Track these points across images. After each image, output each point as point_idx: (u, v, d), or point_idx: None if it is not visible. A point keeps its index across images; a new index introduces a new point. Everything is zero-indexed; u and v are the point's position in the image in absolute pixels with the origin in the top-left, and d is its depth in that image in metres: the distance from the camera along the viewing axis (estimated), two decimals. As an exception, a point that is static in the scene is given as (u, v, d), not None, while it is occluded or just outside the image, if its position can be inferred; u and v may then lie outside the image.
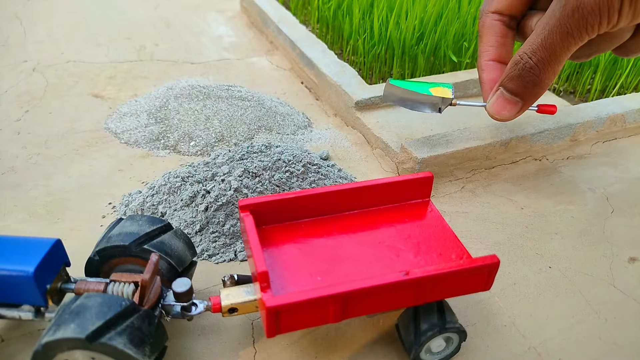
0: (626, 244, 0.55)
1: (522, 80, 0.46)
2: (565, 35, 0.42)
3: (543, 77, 0.46)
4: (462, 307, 0.47)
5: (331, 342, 0.43)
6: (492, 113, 0.49)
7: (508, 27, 0.52)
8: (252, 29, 1.05)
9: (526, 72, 0.45)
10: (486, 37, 0.52)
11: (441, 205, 0.59)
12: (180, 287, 0.39)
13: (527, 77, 0.46)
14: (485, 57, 0.52)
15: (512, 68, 0.47)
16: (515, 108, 0.48)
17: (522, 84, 0.46)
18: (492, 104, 0.49)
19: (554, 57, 0.44)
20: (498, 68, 0.52)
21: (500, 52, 0.52)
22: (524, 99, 0.48)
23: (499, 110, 0.49)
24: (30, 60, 0.88)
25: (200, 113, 0.71)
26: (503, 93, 0.48)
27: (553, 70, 0.45)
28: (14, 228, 0.53)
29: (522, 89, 0.47)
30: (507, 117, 0.49)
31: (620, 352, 0.44)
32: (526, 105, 0.49)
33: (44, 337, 0.34)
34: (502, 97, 0.48)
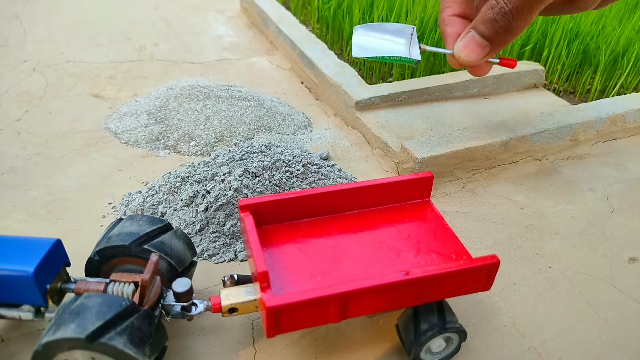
0: (626, 244, 0.55)
1: (495, 24, 0.47)
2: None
3: (515, 24, 0.47)
4: (462, 307, 0.47)
5: (331, 342, 0.43)
6: (459, 54, 0.50)
7: None
8: (252, 29, 1.05)
9: (500, 16, 0.46)
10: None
11: (441, 205, 0.59)
12: (180, 287, 0.39)
13: (501, 22, 0.47)
14: (448, 12, 0.53)
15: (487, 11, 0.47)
16: (483, 51, 0.49)
17: (495, 28, 0.47)
18: (461, 46, 0.50)
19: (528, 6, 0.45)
20: (461, 23, 0.52)
21: (464, 7, 0.53)
22: (494, 43, 0.49)
23: (468, 53, 0.49)
24: (30, 60, 0.88)
25: (200, 113, 0.71)
26: (474, 36, 0.49)
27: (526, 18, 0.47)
28: (14, 228, 0.53)
29: (493, 33, 0.48)
30: (474, 59, 0.50)
31: (620, 352, 0.44)
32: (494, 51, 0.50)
33: (44, 337, 0.34)
34: (472, 40, 0.49)
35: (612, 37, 0.86)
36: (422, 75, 0.86)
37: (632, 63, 0.84)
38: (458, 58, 0.50)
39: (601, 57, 0.84)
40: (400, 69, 0.88)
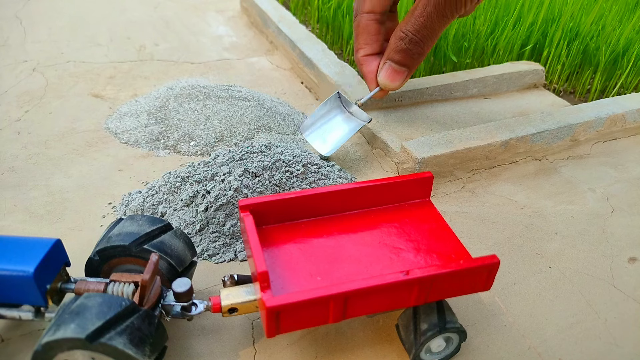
0: (626, 244, 0.55)
1: (409, 52, 0.56)
2: (441, 17, 0.53)
3: (426, 49, 0.57)
4: (462, 307, 0.47)
5: (331, 342, 0.43)
6: (384, 83, 0.59)
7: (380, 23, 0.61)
8: (252, 29, 1.05)
9: (412, 45, 0.56)
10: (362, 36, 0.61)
11: (441, 205, 0.59)
12: (180, 287, 0.39)
13: (414, 50, 0.56)
14: (362, 53, 0.62)
15: (399, 42, 0.56)
16: (402, 76, 0.59)
17: (409, 55, 0.56)
18: (382, 75, 0.59)
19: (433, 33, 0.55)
20: (375, 59, 0.61)
21: (374, 47, 0.61)
22: (410, 67, 0.58)
23: (390, 80, 0.58)
24: (30, 60, 0.88)
25: (200, 113, 0.71)
26: (391, 65, 0.58)
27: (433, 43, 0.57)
28: (14, 228, 0.53)
29: (408, 60, 0.57)
30: (397, 85, 0.59)
31: (620, 352, 0.44)
32: (410, 73, 0.59)
33: (44, 337, 0.34)
34: (391, 69, 0.58)
35: (612, 37, 0.86)
36: (422, 76, 0.86)
37: (632, 63, 0.84)
38: (383, 86, 0.59)
39: (601, 57, 0.84)
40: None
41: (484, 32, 0.86)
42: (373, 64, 0.61)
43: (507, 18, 0.88)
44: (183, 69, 0.87)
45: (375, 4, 0.59)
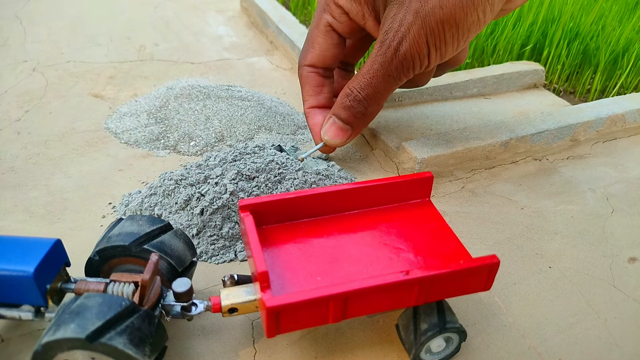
0: (626, 244, 0.55)
1: (353, 110, 0.54)
2: (387, 77, 0.51)
3: (370, 109, 0.54)
4: (462, 307, 0.47)
5: (331, 342, 0.43)
6: (324, 136, 0.57)
7: (323, 77, 0.60)
8: (252, 29, 1.05)
9: (356, 103, 0.54)
10: (305, 88, 0.60)
11: (441, 205, 0.59)
12: (180, 287, 0.39)
13: (357, 108, 0.54)
14: (307, 105, 0.61)
15: (344, 99, 0.54)
16: (345, 134, 0.56)
17: (352, 113, 0.54)
18: (325, 130, 0.57)
19: (378, 93, 0.53)
20: (320, 113, 0.60)
21: (319, 99, 0.60)
22: (353, 126, 0.56)
23: (332, 136, 0.56)
24: (30, 60, 0.88)
25: (200, 113, 0.71)
26: (335, 121, 0.56)
27: (378, 103, 0.54)
28: (14, 228, 0.53)
29: (352, 118, 0.55)
30: (339, 142, 0.57)
31: (620, 352, 0.44)
32: (355, 132, 0.57)
33: (44, 337, 0.34)
34: (334, 125, 0.56)
35: (612, 37, 0.86)
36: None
37: (632, 63, 0.84)
38: (325, 141, 0.57)
39: (601, 57, 0.84)
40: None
41: (483, 32, 0.86)
42: (317, 117, 0.59)
43: (507, 18, 0.88)
44: (183, 69, 0.87)
45: (315, 59, 0.58)
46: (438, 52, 0.49)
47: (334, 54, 0.58)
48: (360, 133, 0.58)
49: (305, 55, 0.59)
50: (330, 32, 0.56)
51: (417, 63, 0.50)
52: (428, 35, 0.47)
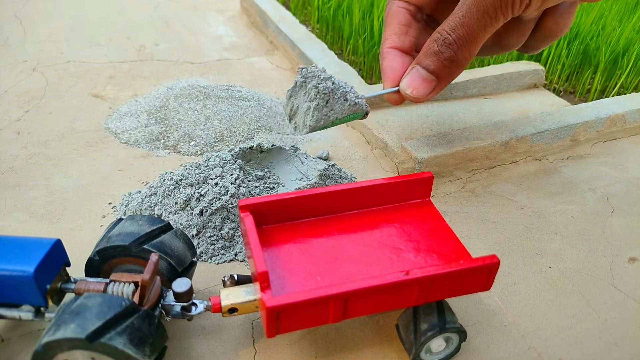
0: (626, 244, 0.55)
1: (440, 56, 0.46)
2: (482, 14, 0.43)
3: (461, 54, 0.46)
4: (462, 307, 0.47)
5: (331, 342, 0.43)
6: (406, 90, 0.49)
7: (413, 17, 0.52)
8: (252, 28, 1.05)
9: (445, 48, 0.46)
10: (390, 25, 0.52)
11: (441, 205, 0.59)
12: (180, 287, 0.39)
13: (446, 54, 0.46)
14: (387, 44, 0.52)
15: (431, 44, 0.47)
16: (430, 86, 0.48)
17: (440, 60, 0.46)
18: (407, 82, 0.49)
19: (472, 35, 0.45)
20: (400, 56, 0.51)
21: (403, 41, 0.51)
22: (440, 77, 0.48)
23: (415, 89, 0.48)
24: (30, 60, 0.88)
25: (200, 113, 0.71)
26: (419, 70, 0.48)
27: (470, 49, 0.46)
28: (14, 228, 0.53)
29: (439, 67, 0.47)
30: (422, 95, 0.49)
31: (620, 352, 0.44)
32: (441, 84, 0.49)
33: (44, 337, 0.34)
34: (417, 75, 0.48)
35: (612, 37, 0.86)
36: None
37: (632, 63, 0.84)
38: (405, 95, 0.49)
39: (601, 57, 0.84)
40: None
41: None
42: (396, 60, 0.51)
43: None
44: (183, 69, 0.87)
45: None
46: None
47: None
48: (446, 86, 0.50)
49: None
50: None
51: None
52: None
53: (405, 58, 0.51)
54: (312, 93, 0.47)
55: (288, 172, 0.54)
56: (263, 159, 0.56)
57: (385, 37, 0.52)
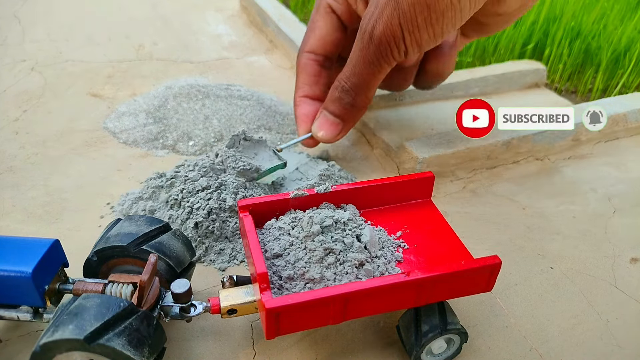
0: (628, 245, 0.55)
1: (341, 102, 0.53)
2: (368, 64, 0.49)
3: (358, 99, 0.52)
4: (464, 308, 0.47)
5: (331, 343, 0.43)
6: (317, 133, 0.55)
7: (322, 66, 0.58)
8: (251, 27, 1.05)
9: (344, 94, 0.52)
10: (301, 76, 0.58)
11: (442, 206, 0.59)
12: (179, 288, 0.39)
13: (345, 100, 0.52)
14: (299, 93, 0.58)
15: (333, 91, 0.53)
16: (337, 129, 0.55)
17: (341, 105, 0.53)
18: (317, 126, 0.55)
19: (363, 82, 0.51)
20: (311, 104, 0.57)
21: (314, 89, 0.58)
22: (344, 119, 0.54)
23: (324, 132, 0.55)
24: (28, 59, 0.88)
25: (199, 112, 0.71)
26: (326, 115, 0.54)
27: (365, 94, 0.52)
28: (12, 228, 0.53)
29: (341, 110, 0.53)
30: (331, 137, 0.55)
31: (622, 353, 0.44)
32: (347, 126, 0.55)
33: (42, 338, 0.33)
34: (325, 119, 0.54)
35: (614, 37, 0.85)
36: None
37: (633, 62, 0.83)
38: (317, 137, 0.55)
39: (603, 56, 0.84)
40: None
41: (484, 31, 0.85)
42: (307, 107, 0.57)
43: (508, 17, 0.88)
44: (182, 68, 0.87)
45: (315, 45, 0.57)
46: (413, 38, 0.46)
47: (335, 40, 0.57)
48: (352, 127, 0.56)
49: (305, 41, 0.57)
50: (330, 14, 0.55)
51: (394, 48, 0.47)
52: (401, 18, 0.45)
53: (316, 104, 0.58)
54: None
55: (265, 161, 0.55)
56: (247, 147, 0.56)
57: (297, 86, 0.58)
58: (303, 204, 0.44)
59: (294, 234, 0.40)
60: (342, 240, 0.39)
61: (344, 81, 0.52)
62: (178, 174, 0.53)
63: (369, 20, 0.47)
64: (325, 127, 0.55)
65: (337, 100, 0.53)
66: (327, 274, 0.38)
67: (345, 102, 0.53)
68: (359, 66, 0.50)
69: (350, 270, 0.38)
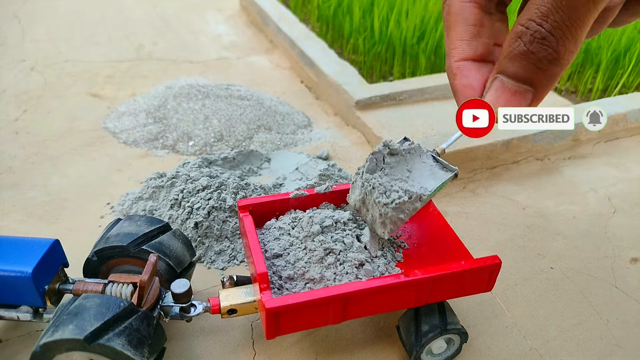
0: (628, 245, 0.55)
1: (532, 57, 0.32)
2: None
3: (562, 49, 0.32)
4: (464, 308, 0.47)
5: (331, 343, 0.43)
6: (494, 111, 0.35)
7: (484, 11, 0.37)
8: (251, 27, 1.05)
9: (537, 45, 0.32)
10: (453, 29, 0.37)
11: (442, 206, 0.59)
12: (179, 288, 0.39)
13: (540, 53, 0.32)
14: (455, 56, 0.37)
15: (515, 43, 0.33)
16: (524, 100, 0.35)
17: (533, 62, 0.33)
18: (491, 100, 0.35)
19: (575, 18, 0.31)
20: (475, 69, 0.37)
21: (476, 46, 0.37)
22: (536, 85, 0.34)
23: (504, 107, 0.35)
24: (28, 59, 0.88)
25: (199, 112, 0.71)
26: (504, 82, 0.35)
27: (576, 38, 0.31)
28: (12, 228, 0.53)
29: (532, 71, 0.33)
30: None
31: (622, 353, 0.44)
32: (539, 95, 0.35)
33: (42, 338, 0.33)
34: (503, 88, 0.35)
35: (614, 37, 0.85)
36: (422, 75, 0.86)
37: (633, 62, 0.83)
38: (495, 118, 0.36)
39: (603, 56, 0.84)
40: (401, 68, 0.88)
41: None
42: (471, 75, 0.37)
43: (508, 17, 0.88)
44: (182, 68, 0.87)
45: None
46: None
47: None
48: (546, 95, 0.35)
49: None
50: None
51: None
52: None
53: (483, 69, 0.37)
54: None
55: None
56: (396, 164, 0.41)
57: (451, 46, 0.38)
58: (303, 204, 0.44)
59: (294, 234, 0.40)
60: (342, 240, 0.39)
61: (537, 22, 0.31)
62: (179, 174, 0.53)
63: None
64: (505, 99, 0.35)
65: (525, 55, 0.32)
66: (327, 274, 0.38)
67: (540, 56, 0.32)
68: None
69: (350, 270, 0.38)
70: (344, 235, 0.39)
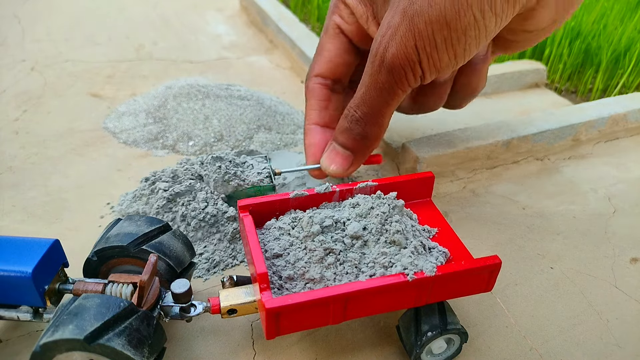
0: (628, 245, 0.55)
1: (351, 133, 0.47)
2: (379, 90, 0.44)
3: (369, 130, 0.46)
4: (464, 308, 0.47)
5: (331, 343, 0.43)
6: (327, 168, 0.50)
7: (332, 90, 0.53)
8: (251, 27, 1.05)
9: (354, 124, 0.46)
10: (309, 102, 0.53)
11: (442, 206, 0.59)
12: (179, 288, 0.39)
13: (355, 130, 0.47)
14: (308, 120, 0.53)
15: (342, 121, 0.47)
16: (347, 161, 0.49)
17: (351, 136, 0.47)
18: (325, 158, 0.49)
19: (375, 111, 0.45)
20: (321, 132, 0.52)
21: (324, 116, 0.52)
22: (355, 152, 0.48)
23: (334, 166, 0.49)
24: (28, 59, 0.88)
25: (199, 112, 0.71)
26: (335, 147, 0.49)
27: (378, 123, 0.46)
28: (12, 228, 0.53)
29: (351, 142, 0.48)
30: (340, 170, 0.50)
31: (622, 353, 0.44)
32: (358, 159, 0.49)
33: (42, 338, 0.33)
34: (334, 151, 0.49)
35: (614, 36, 0.85)
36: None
37: (633, 62, 0.83)
38: (326, 172, 0.50)
39: (603, 56, 0.84)
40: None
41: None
42: (316, 136, 0.51)
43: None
44: (182, 68, 0.87)
45: (323, 67, 0.51)
46: (431, 60, 0.42)
47: (345, 62, 0.52)
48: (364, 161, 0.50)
49: (313, 65, 0.53)
50: (339, 35, 0.51)
51: (409, 73, 0.42)
52: (416, 38, 0.40)
53: (327, 132, 0.52)
54: None
55: None
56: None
57: (307, 114, 0.53)
58: (303, 204, 0.44)
59: (294, 234, 0.40)
60: (342, 240, 0.39)
61: (353, 109, 0.46)
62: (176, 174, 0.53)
63: (381, 41, 0.42)
64: (334, 160, 0.49)
65: (347, 130, 0.47)
66: (327, 274, 0.38)
67: (356, 132, 0.47)
68: (370, 93, 0.44)
69: (350, 270, 0.38)
70: (344, 236, 0.39)
